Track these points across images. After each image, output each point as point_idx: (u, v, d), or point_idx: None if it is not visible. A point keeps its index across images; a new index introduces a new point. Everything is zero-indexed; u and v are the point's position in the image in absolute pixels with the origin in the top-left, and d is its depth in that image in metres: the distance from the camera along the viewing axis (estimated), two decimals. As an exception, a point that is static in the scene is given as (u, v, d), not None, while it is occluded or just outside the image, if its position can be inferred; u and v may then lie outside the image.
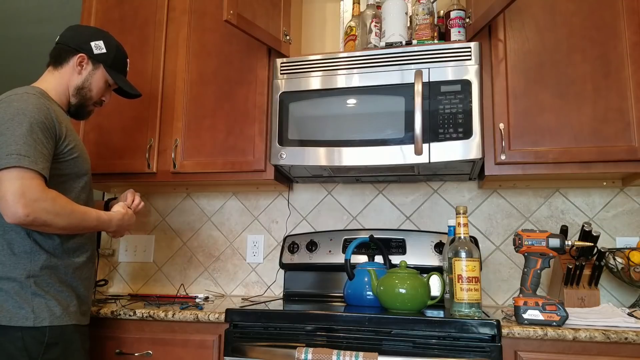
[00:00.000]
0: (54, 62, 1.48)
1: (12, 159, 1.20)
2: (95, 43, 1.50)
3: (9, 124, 1.23)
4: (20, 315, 1.23)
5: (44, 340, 1.25)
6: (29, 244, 1.29)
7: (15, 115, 1.24)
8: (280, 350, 1.41)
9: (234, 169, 1.90)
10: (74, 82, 1.48)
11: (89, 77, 1.49)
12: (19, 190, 1.18)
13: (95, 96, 1.52)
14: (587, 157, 1.64)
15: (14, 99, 1.28)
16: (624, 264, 1.66)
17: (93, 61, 1.50)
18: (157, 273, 2.30)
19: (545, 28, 1.74)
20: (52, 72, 1.48)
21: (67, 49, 1.48)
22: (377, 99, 1.75)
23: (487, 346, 1.30)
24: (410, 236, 1.96)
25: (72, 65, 1.47)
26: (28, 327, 1.23)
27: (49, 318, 1.27)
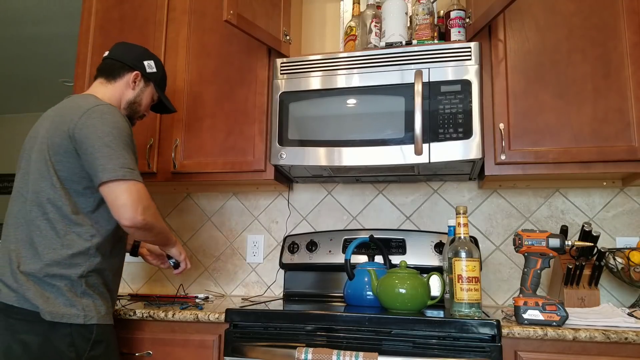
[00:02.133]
0: (106, 75, 1.55)
1: (126, 172, 1.32)
2: (148, 62, 1.61)
3: (111, 136, 1.33)
4: (71, 313, 1.29)
5: (91, 338, 1.31)
6: (87, 246, 1.35)
7: (114, 129, 1.35)
8: (280, 350, 1.41)
9: (234, 169, 1.90)
10: (127, 96, 1.57)
11: (140, 93, 1.60)
12: (137, 199, 1.32)
13: (142, 110, 1.63)
14: (587, 157, 1.64)
15: (104, 110, 1.37)
16: (624, 264, 1.66)
17: (145, 79, 1.60)
18: (157, 273, 2.30)
19: (545, 28, 1.74)
20: (106, 85, 1.54)
21: (121, 65, 1.56)
22: (377, 99, 1.75)
23: (487, 346, 1.30)
24: (410, 236, 1.96)
25: (127, 81, 1.56)
26: (78, 324, 1.29)
27: (97, 316, 1.33)
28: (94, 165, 1.31)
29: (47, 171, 1.35)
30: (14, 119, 6.59)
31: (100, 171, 1.30)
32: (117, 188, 1.31)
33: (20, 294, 1.28)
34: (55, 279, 1.30)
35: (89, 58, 2.11)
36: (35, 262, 1.30)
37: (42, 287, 1.29)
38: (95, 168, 1.31)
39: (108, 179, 1.30)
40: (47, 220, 1.33)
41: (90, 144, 1.32)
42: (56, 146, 1.35)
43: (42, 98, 6.02)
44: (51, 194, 1.34)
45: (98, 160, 1.31)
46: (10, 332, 1.27)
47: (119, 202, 1.30)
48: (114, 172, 1.30)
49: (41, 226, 1.33)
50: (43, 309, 1.26)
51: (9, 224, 1.38)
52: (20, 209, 1.37)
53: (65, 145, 1.34)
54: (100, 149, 1.31)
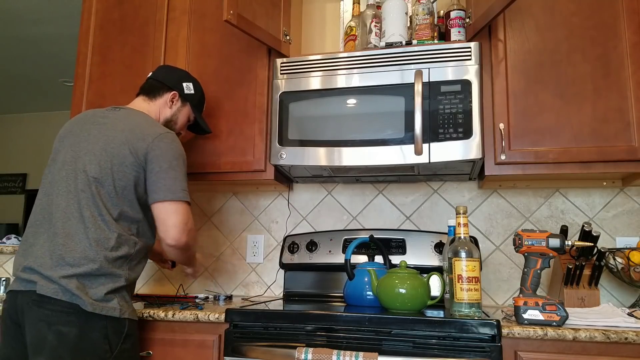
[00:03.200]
0: (147, 94, 1.67)
1: (185, 195, 1.48)
2: (186, 84, 1.72)
3: (177, 161, 1.49)
4: (109, 307, 1.35)
5: (124, 332, 1.37)
6: (132, 252, 1.43)
7: (180, 156, 1.51)
8: (280, 350, 1.41)
9: (234, 169, 1.91)
10: (165, 114, 1.68)
11: (177, 112, 1.70)
12: (186, 221, 1.47)
13: (178, 129, 1.72)
14: (587, 157, 1.64)
15: (174, 138, 1.52)
16: (624, 264, 1.66)
17: (182, 99, 1.71)
18: (157, 273, 2.30)
19: (545, 28, 1.74)
20: (147, 102, 1.66)
21: (161, 86, 1.68)
22: (377, 99, 1.75)
23: (487, 346, 1.30)
24: (410, 236, 1.96)
25: (165, 100, 1.68)
26: (112, 317, 1.35)
27: (128, 311, 1.40)
28: (158, 184, 1.45)
29: (106, 177, 1.42)
30: (14, 119, 6.59)
31: (163, 190, 1.44)
32: (172, 208, 1.45)
33: (61, 286, 1.31)
34: (101, 276, 1.35)
35: (89, 58, 2.11)
36: (85, 258, 1.34)
37: (85, 281, 1.33)
38: (158, 187, 1.44)
39: (169, 199, 1.44)
40: (103, 220, 1.39)
41: (159, 165, 1.45)
42: (121, 157, 1.44)
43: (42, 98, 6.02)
44: (106, 198, 1.41)
45: (163, 180, 1.45)
46: (45, 323, 1.29)
47: (170, 221, 1.44)
48: (176, 193, 1.45)
49: (95, 224, 1.38)
50: (85, 301, 1.30)
51: (56, 217, 1.39)
52: (69, 205, 1.40)
53: (133, 160, 1.44)
54: (168, 171, 1.45)
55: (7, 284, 2.31)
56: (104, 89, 2.07)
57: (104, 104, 2.06)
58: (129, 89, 2.03)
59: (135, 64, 2.05)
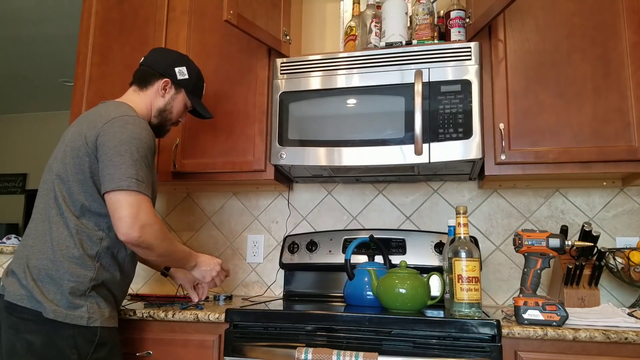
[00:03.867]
0: (138, 83, 1.56)
1: (132, 183, 1.30)
2: (179, 69, 1.58)
3: (127, 146, 1.32)
4: (75, 314, 1.28)
5: (95, 340, 1.30)
6: (96, 250, 1.35)
7: (133, 139, 1.34)
8: (280, 350, 1.41)
9: (234, 169, 1.91)
10: (157, 104, 1.56)
11: (171, 101, 1.58)
12: (135, 214, 1.29)
13: (174, 118, 1.61)
14: (587, 157, 1.64)
15: (128, 120, 1.37)
16: (624, 264, 1.66)
17: (176, 86, 1.58)
18: (157, 273, 2.29)
19: (545, 28, 1.74)
20: (138, 93, 1.55)
21: (152, 73, 1.56)
22: (377, 99, 1.75)
23: (487, 346, 1.30)
24: (410, 236, 1.96)
25: (157, 89, 1.55)
26: (81, 325, 1.28)
27: (100, 319, 1.32)
28: (103, 173, 1.32)
29: (65, 172, 1.36)
30: (14, 119, 6.59)
31: (107, 180, 1.30)
32: (119, 198, 1.29)
33: (27, 291, 1.27)
34: (63, 279, 1.29)
35: (89, 58, 2.11)
36: (46, 259, 1.30)
37: (48, 285, 1.28)
38: (104, 176, 1.32)
39: (112, 189, 1.29)
40: (64, 218, 1.33)
41: (104, 152, 1.32)
42: (76, 149, 1.36)
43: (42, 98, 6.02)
44: (66, 194, 1.35)
45: (107, 169, 1.31)
46: (14, 330, 1.27)
47: (116, 214, 1.29)
48: (119, 181, 1.29)
49: (57, 223, 1.33)
50: (47, 308, 1.25)
51: (33, 219, 1.38)
52: (43, 206, 1.37)
53: (85, 149, 1.35)
54: (112, 158, 1.31)
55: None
56: (104, 89, 2.07)
57: (104, 104, 2.05)
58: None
59: (135, 64, 2.04)
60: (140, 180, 1.32)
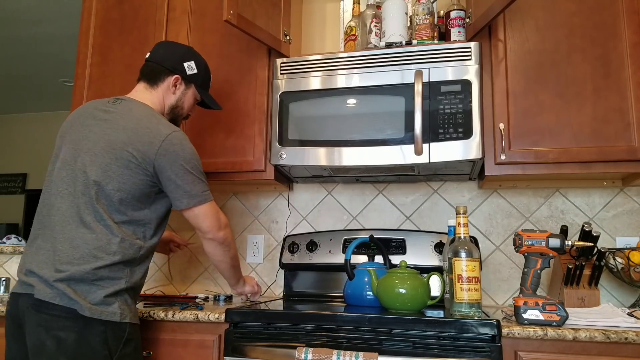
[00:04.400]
0: (148, 80, 1.57)
1: (207, 195, 1.48)
2: (188, 64, 1.59)
3: (192, 164, 1.45)
4: (109, 311, 1.31)
5: (124, 336, 1.33)
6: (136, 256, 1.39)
7: (193, 155, 1.46)
8: (280, 350, 1.41)
9: (234, 169, 1.91)
10: (169, 101, 1.58)
11: (182, 97, 1.60)
12: (217, 218, 1.51)
13: (185, 112, 1.64)
14: (587, 157, 1.64)
15: (181, 137, 1.45)
16: (624, 264, 1.66)
17: (186, 82, 1.60)
18: (157, 273, 2.30)
19: (545, 28, 1.74)
20: (149, 90, 1.56)
21: (161, 69, 1.56)
22: (377, 99, 1.75)
23: (487, 346, 1.30)
24: (410, 236, 1.96)
25: (167, 86, 1.57)
26: (112, 322, 1.30)
27: (129, 315, 1.36)
28: (179, 191, 1.43)
29: (107, 180, 1.36)
30: (14, 119, 6.59)
31: (185, 197, 1.44)
32: (202, 211, 1.47)
33: (59, 290, 1.27)
34: (100, 280, 1.31)
35: (89, 58, 2.11)
36: (83, 262, 1.30)
37: (84, 286, 1.30)
38: (179, 193, 1.43)
39: (194, 204, 1.45)
40: (106, 225, 1.34)
41: (173, 171, 1.41)
42: (124, 160, 1.37)
43: (42, 98, 6.02)
44: (105, 201, 1.36)
45: (182, 187, 1.43)
46: (43, 328, 1.27)
47: (204, 225, 1.48)
48: (198, 197, 1.45)
49: (97, 230, 1.33)
50: (82, 305, 1.27)
51: (54, 221, 1.35)
52: (71, 209, 1.35)
53: (137, 163, 1.38)
54: (184, 177, 1.42)
55: (7, 284, 2.31)
56: (104, 89, 2.07)
57: (104, 104, 2.05)
58: (129, 89, 2.01)
59: (135, 64, 2.05)
60: (208, 189, 1.49)
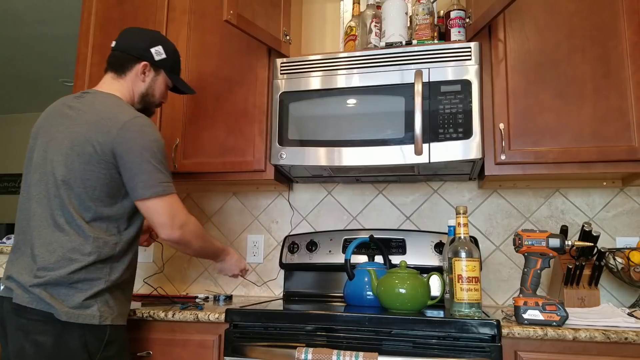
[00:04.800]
0: (115, 69, 1.51)
1: (165, 187, 1.37)
2: (155, 49, 1.54)
3: (150, 151, 1.35)
4: (86, 314, 1.28)
5: (104, 339, 1.30)
6: (112, 254, 1.35)
7: (152, 142, 1.37)
8: (280, 350, 1.41)
9: (234, 169, 1.90)
10: (139, 89, 1.53)
11: (152, 84, 1.55)
12: (173, 216, 1.37)
13: (157, 100, 1.59)
14: (587, 157, 1.64)
15: (142, 123, 1.38)
16: (624, 264, 1.66)
17: (155, 68, 1.54)
18: (156, 273, 2.29)
19: (545, 28, 1.74)
20: (117, 80, 1.50)
21: (128, 57, 1.51)
22: (377, 99, 1.75)
23: (487, 346, 1.30)
24: (410, 236, 1.95)
25: (136, 73, 1.51)
26: (91, 324, 1.28)
27: (110, 317, 1.32)
28: (135, 181, 1.34)
29: (73, 178, 1.33)
30: (14, 119, 6.59)
31: (140, 188, 1.34)
32: (155, 205, 1.36)
33: (35, 295, 1.26)
34: (78, 283, 1.29)
35: (89, 58, 2.11)
36: (59, 266, 1.28)
37: (61, 289, 1.27)
38: (134, 183, 1.34)
39: (148, 196, 1.34)
40: (77, 226, 1.31)
41: (129, 160, 1.33)
42: (86, 155, 1.33)
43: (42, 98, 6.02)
44: (75, 200, 1.32)
45: (138, 177, 1.34)
46: (23, 332, 1.26)
47: (156, 220, 1.37)
48: (153, 188, 1.34)
49: (69, 232, 1.31)
50: (59, 310, 1.25)
51: (31, 226, 1.34)
52: (44, 212, 1.33)
53: (97, 156, 1.33)
54: (140, 166, 1.34)
55: (7, 284, 2.31)
56: (104, 89, 2.07)
57: (104, 104, 2.05)
58: (129, 89, 2.03)
59: (135, 64, 2.05)
60: (169, 181, 1.39)
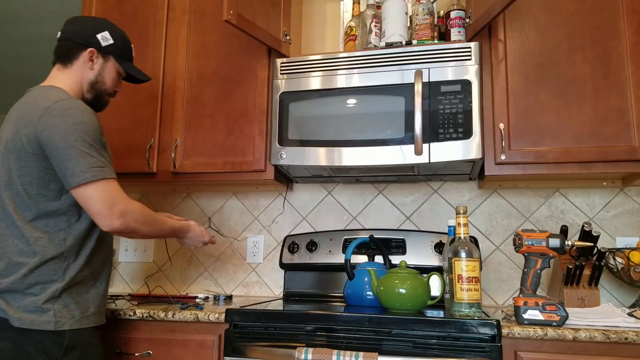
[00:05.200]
0: (61, 60, 1.45)
1: (96, 172, 1.26)
2: (101, 35, 1.46)
3: (75, 135, 1.25)
4: (41, 320, 1.23)
5: (64, 344, 1.25)
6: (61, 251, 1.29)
7: (78, 125, 1.27)
8: (280, 350, 1.41)
9: (234, 169, 1.90)
10: (87, 77, 1.46)
11: (101, 71, 1.48)
12: (110, 203, 1.26)
13: (109, 88, 1.51)
14: (587, 157, 1.64)
15: (65, 106, 1.29)
16: (624, 264, 1.66)
17: (103, 54, 1.47)
18: (157, 273, 2.30)
19: (545, 28, 1.74)
20: (63, 71, 1.44)
21: (74, 45, 1.44)
22: (377, 99, 1.75)
23: (487, 346, 1.30)
24: (410, 236, 1.95)
25: (83, 61, 1.44)
26: (49, 330, 1.23)
27: (70, 322, 1.27)
28: (62, 169, 1.25)
29: (10, 178, 1.29)
30: (14, 119, 6.59)
31: (69, 176, 1.25)
32: (88, 192, 1.25)
33: None
34: (31, 287, 1.25)
35: (89, 58, 2.11)
36: (9, 273, 1.25)
37: (16, 295, 1.24)
38: (64, 172, 1.25)
39: (78, 183, 1.24)
40: (16, 228, 1.27)
41: (54, 147, 1.25)
42: (17, 151, 1.28)
43: (42, 98, 6.01)
44: (16, 201, 1.28)
45: (65, 164, 1.25)
46: None
47: (91, 209, 1.27)
48: (82, 174, 1.24)
49: (11, 234, 1.27)
50: (12, 316, 1.21)
51: None
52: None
53: (26, 149, 1.27)
54: (66, 152, 1.24)
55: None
56: (104, 89, 2.07)
57: (104, 104, 2.06)
58: (129, 88, 2.03)
59: (135, 64, 2.05)
60: (102, 165, 1.28)
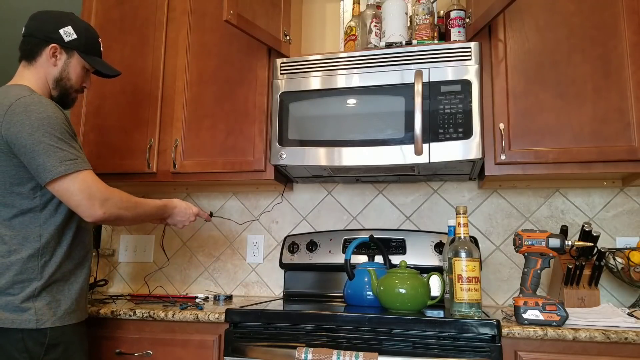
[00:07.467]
0: (26, 57, 1.43)
1: (69, 165, 1.25)
2: (64, 30, 1.43)
3: (42, 130, 1.25)
4: (22, 319, 1.23)
5: (45, 342, 1.25)
6: (37, 247, 1.28)
7: (43, 120, 1.26)
8: (280, 350, 1.41)
9: (234, 169, 1.90)
10: (52, 74, 1.43)
11: (66, 67, 1.45)
12: (89, 194, 1.27)
13: (75, 84, 1.48)
14: (587, 157, 1.64)
15: (27, 102, 1.28)
16: (624, 264, 1.66)
17: (66, 49, 1.44)
18: (157, 273, 2.30)
19: (545, 28, 1.74)
20: (28, 68, 1.43)
21: (36, 42, 1.42)
22: (377, 99, 1.75)
23: (487, 346, 1.30)
24: (410, 236, 1.95)
25: (46, 58, 1.42)
26: (30, 329, 1.23)
27: (51, 319, 1.27)
28: (34, 166, 1.25)
29: None
30: (14, 119, 6.58)
31: (41, 171, 1.24)
32: (65, 186, 1.25)
33: None
34: (11, 288, 1.24)
35: (89, 58, 2.11)
36: None
37: None
38: (36, 168, 1.25)
39: (52, 178, 1.24)
40: None
41: (21, 144, 1.24)
42: None
43: (42, 98, 6.01)
44: None
45: (35, 161, 1.24)
46: None
47: (71, 202, 1.27)
48: (55, 168, 1.24)
49: None
50: None
51: None
52: None
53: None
54: (34, 148, 1.23)
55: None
56: (103, 89, 2.07)
57: (103, 104, 2.06)
58: (129, 89, 2.03)
59: (135, 64, 2.05)
60: (74, 158, 1.27)
